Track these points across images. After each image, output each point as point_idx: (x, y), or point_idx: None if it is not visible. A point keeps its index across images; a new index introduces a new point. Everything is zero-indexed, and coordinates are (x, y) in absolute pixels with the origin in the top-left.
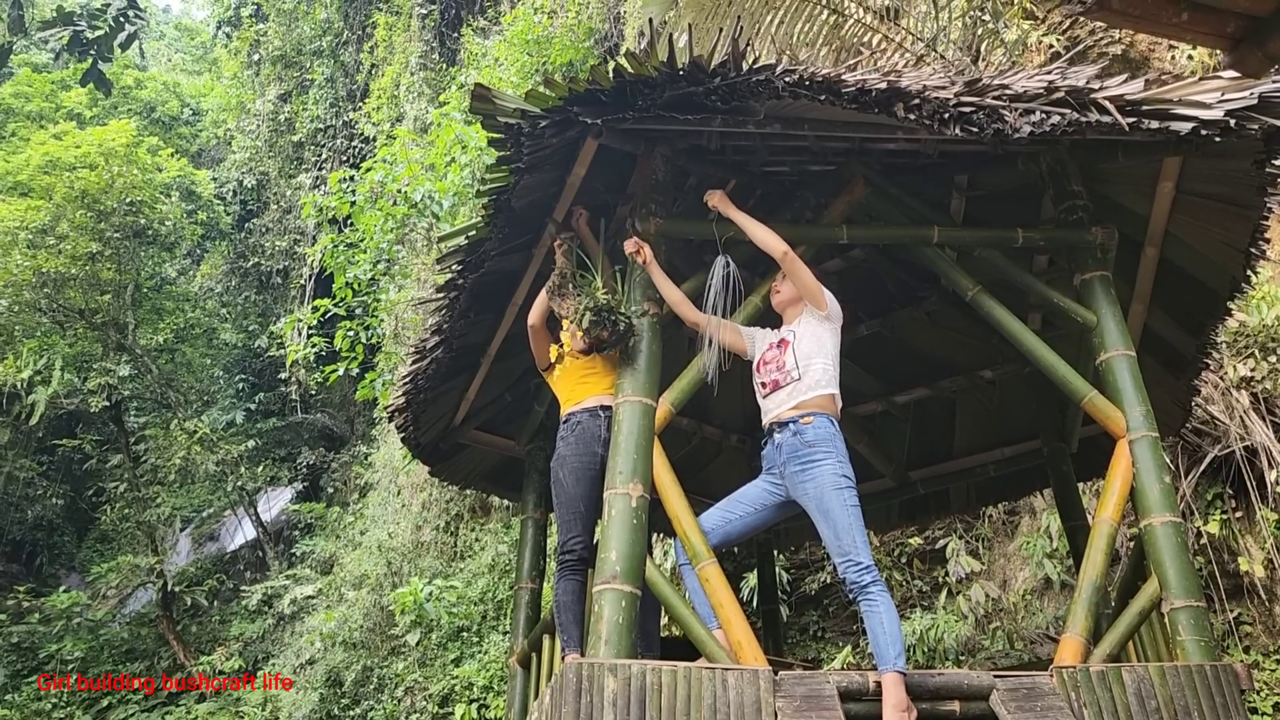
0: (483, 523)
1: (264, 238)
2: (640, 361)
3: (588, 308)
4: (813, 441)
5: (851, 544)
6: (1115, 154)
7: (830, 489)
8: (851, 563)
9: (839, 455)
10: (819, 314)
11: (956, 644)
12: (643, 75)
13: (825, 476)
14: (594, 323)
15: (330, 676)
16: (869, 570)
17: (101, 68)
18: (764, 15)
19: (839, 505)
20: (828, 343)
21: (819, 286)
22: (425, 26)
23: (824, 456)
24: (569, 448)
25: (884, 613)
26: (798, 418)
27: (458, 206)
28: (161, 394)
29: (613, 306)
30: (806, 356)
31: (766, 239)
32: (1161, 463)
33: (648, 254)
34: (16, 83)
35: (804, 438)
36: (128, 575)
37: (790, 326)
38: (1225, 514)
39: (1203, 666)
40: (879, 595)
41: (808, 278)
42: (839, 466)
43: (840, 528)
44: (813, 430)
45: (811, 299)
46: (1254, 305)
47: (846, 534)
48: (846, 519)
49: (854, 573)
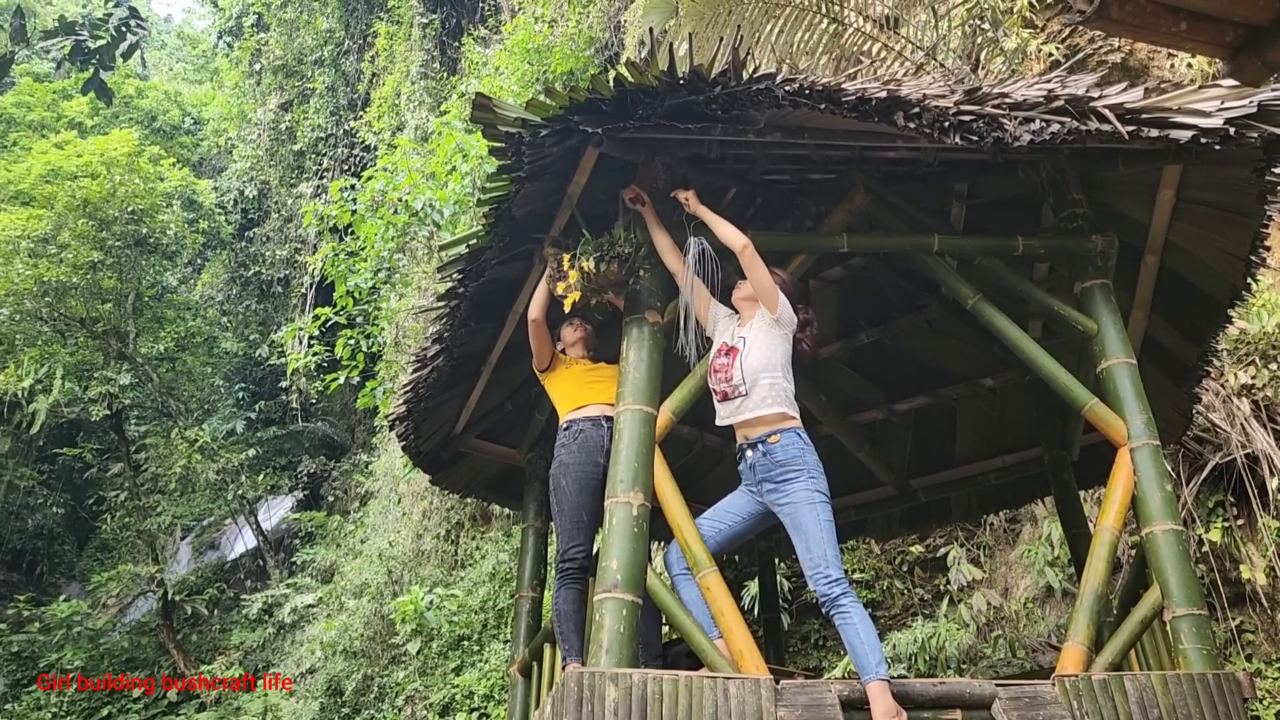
0: (483, 531)
1: (265, 246)
2: (641, 369)
3: (586, 250)
4: (783, 461)
5: (822, 557)
6: (1115, 162)
7: (804, 504)
8: (822, 575)
9: (810, 471)
10: (769, 317)
11: (958, 652)
12: (643, 84)
13: (799, 494)
14: (598, 259)
15: (331, 685)
16: (839, 582)
17: (103, 77)
18: (764, 24)
19: (812, 520)
20: (777, 352)
21: (774, 288)
22: (426, 35)
23: (795, 475)
24: (571, 455)
25: (858, 623)
26: (765, 436)
27: (458, 215)
28: (162, 403)
29: (614, 239)
30: (753, 370)
31: (728, 233)
32: (1163, 470)
33: (645, 199)
34: (18, 92)
35: (774, 458)
36: (128, 584)
37: (741, 332)
38: (1227, 522)
39: (1205, 675)
40: (851, 606)
41: (763, 275)
42: (811, 483)
43: (812, 541)
44: (781, 449)
45: (764, 298)
46: (1254, 313)
47: (818, 547)
48: (819, 533)
49: (824, 585)
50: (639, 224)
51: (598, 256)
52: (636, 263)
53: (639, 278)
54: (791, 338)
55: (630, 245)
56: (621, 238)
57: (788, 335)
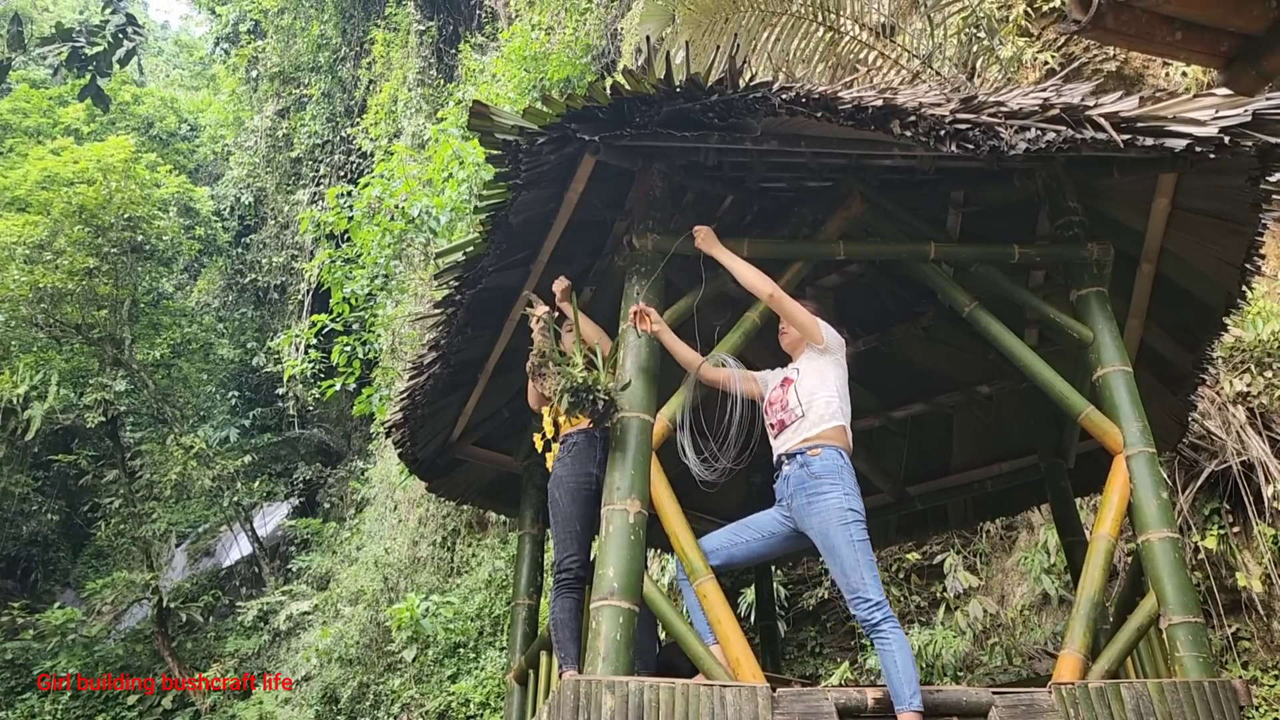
0: (480, 538)
1: (261, 253)
2: (638, 378)
3: (565, 389)
4: (819, 473)
5: (860, 581)
6: (1111, 170)
7: (835, 523)
8: (861, 599)
9: (846, 488)
10: (816, 348)
11: (955, 660)
12: (640, 92)
13: (830, 510)
14: (572, 404)
15: (326, 693)
16: (879, 607)
17: (100, 83)
18: (761, 32)
19: (844, 540)
20: (830, 375)
21: (813, 321)
22: (423, 42)
23: (830, 489)
24: (565, 469)
25: (896, 651)
26: (805, 449)
27: (455, 222)
28: (158, 409)
29: (590, 385)
30: (809, 393)
31: (753, 281)
32: (1159, 478)
33: (655, 317)
34: (14, 98)
35: (810, 469)
36: (123, 591)
37: (794, 364)
38: (1223, 529)
39: (1201, 683)
40: (891, 633)
41: (799, 315)
42: (845, 499)
43: (847, 565)
44: (819, 462)
45: (808, 334)
46: (1250, 320)
47: (854, 571)
48: (853, 555)
49: (864, 610)
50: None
51: (573, 403)
52: (611, 415)
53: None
54: (844, 361)
55: (606, 398)
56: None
57: (839, 360)
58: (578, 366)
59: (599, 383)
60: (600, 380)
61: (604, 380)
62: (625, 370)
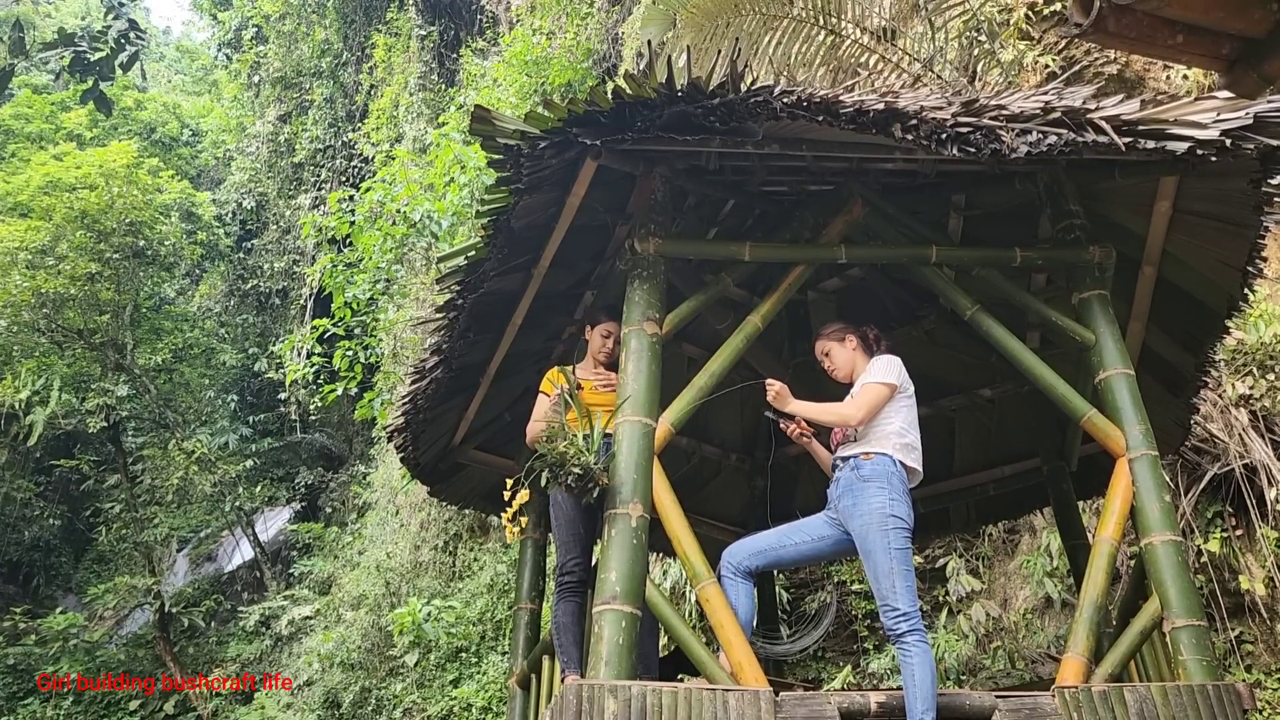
0: (481, 542)
1: (263, 258)
2: (640, 380)
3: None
4: (868, 477)
5: (891, 589)
6: (1112, 173)
7: (876, 527)
8: (889, 608)
9: (893, 493)
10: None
11: (957, 663)
12: (641, 96)
13: (874, 513)
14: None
15: (328, 698)
16: (906, 618)
17: (102, 88)
18: (762, 36)
19: (881, 546)
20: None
21: (888, 391)
22: (424, 47)
23: (876, 492)
24: None
25: (917, 666)
26: (859, 454)
27: (456, 226)
28: (160, 414)
29: (588, 467)
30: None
31: (832, 419)
32: (1161, 481)
33: (804, 428)
34: (17, 104)
35: (860, 472)
36: (124, 596)
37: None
38: (1225, 532)
39: (1205, 686)
40: (914, 646)
41: (879, 399)
42: (890, 505)
43: (880, 571)
44: (870, 466)
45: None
46: (1252, 323)
47: (886, 578)
48: (888, 562)
49: (890, 619)
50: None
51: (549, 478)
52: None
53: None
54: (914, 395)
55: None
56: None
57: (907, 394)
58: (572, 445)
59: (583, 462)
60: (585, 460)
61: (588, 459)
62: (628, 375)
